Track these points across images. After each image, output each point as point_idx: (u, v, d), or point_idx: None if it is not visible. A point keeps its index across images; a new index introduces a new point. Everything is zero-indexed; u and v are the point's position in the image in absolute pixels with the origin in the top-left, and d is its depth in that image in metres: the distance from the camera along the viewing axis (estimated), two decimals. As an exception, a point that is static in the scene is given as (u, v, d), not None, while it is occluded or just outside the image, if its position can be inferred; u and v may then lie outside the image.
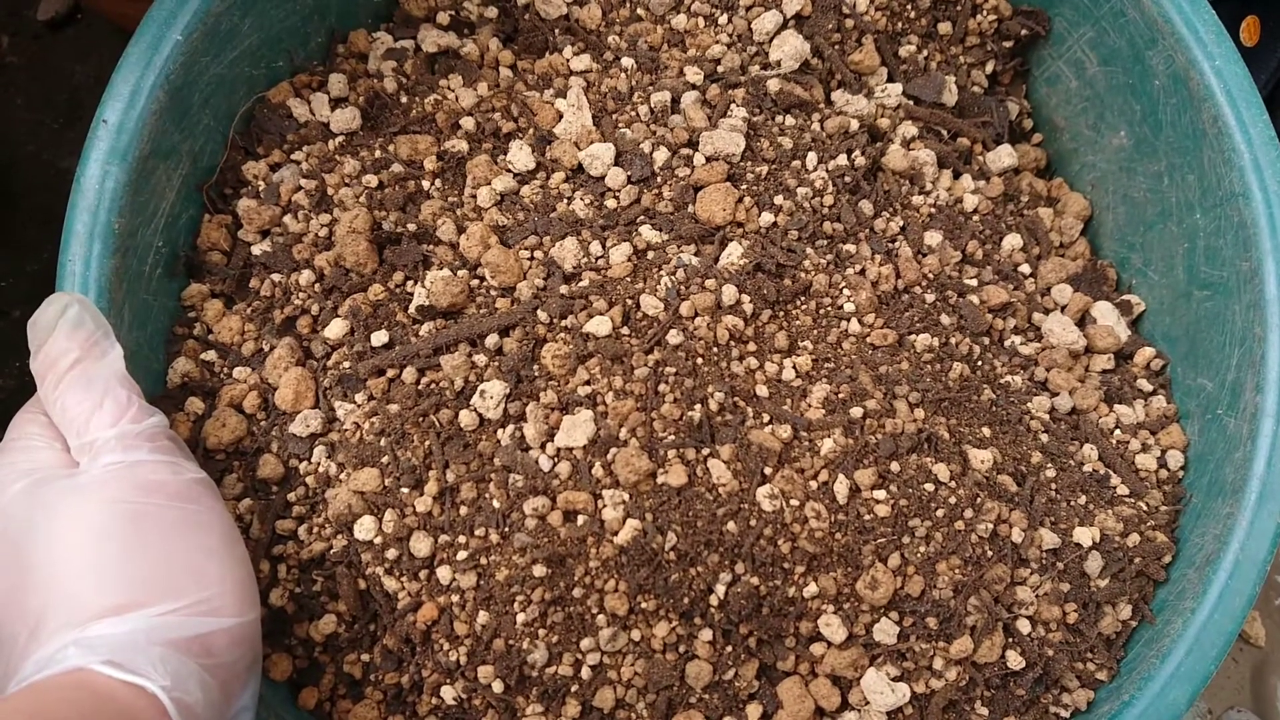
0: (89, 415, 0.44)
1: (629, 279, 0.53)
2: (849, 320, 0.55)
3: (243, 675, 0.44)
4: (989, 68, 0.67)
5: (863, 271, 0.56)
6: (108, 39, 0.93)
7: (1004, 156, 0.65)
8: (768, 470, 0.50)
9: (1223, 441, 0.56)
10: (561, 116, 0.58)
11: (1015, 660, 0.52)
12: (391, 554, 0.50)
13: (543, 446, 0.50)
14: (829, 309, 0.55)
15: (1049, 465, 0.56)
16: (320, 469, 0.51)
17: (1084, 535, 0.54)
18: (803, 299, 0.55)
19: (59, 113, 0.91)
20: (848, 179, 0.57)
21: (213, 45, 0.53)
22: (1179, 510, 0.57)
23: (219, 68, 0.54)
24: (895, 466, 0.52)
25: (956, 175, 0.63)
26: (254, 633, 0.44)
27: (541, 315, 0.52)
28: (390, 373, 0.52)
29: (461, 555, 0.49)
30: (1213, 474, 0.56)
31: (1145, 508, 0.56)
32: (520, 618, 0.49)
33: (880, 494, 0.51)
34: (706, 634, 0.50)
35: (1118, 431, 0.59)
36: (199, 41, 0.52)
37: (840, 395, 0.52)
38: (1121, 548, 0.54)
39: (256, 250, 0.56)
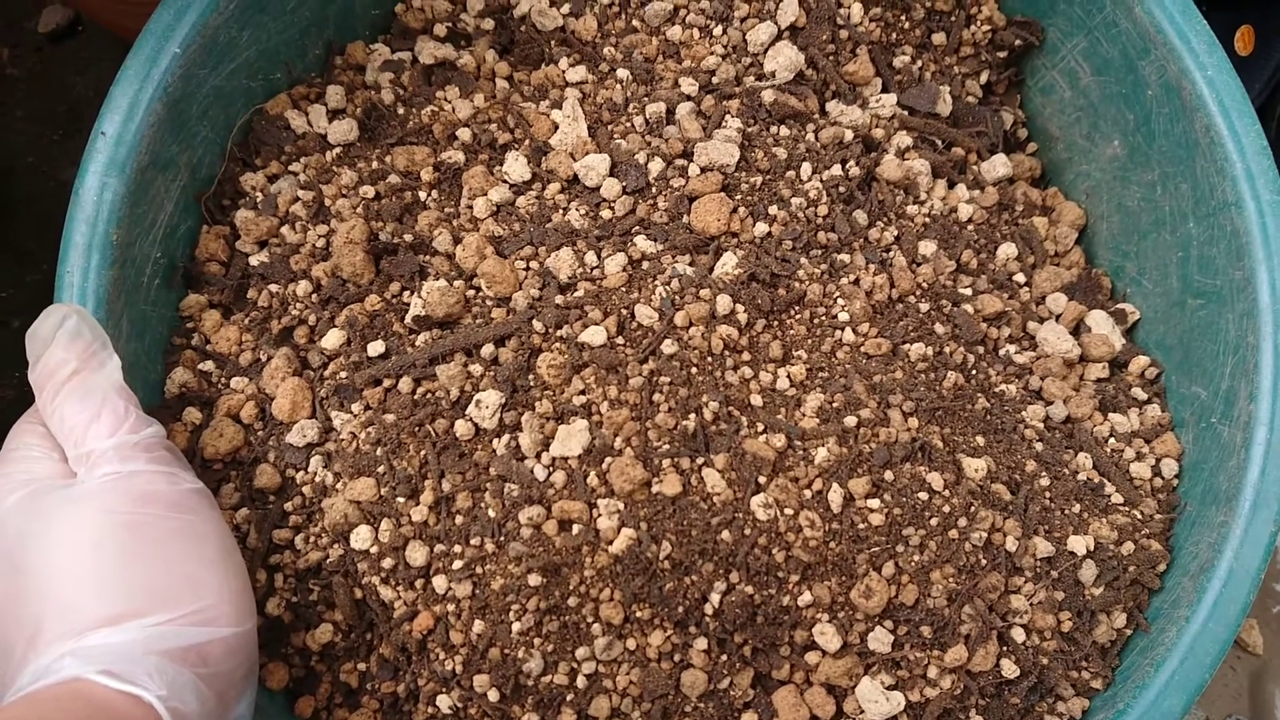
0: (86, 426, 0.44)
1: (624, 289, 0.53)
2: (843, 330, 0.55)
3: (239, 684, 0.44)
4: (983, 78, 0.67)
5: (857, 281, 0.56)
6: (108, 51, 0.93)
7: (998, 166, 0.65)
8: (762, 479, 0.50)
9: (1217, 450, 0.56)
10: (557, 128, 0.58)
11: (1010, 669, 0.52)
12: (387, 563, 0.50)
13: (538, 456, 0.50)
14: (823, 318, 0.55)
15: (1043, 474, 0.56)
16: (317, 479, 0.52)
17: (1078, 544, 0.54)
18: (797, 308, 0.55)
19: (59, 124, 0.92)
20: (842, 189, 0.57)
21: (211, 58, 0.54)
22: (1173, 518, 0.57)
23: (217, 80, 0.55)
24: (889, 475, 0.52)
25: (951, 185, 0.63)
26: (250, 642, 0.45)
27: (537, 325, 0.52)
28: (386, 382, 0.52)
29: (457, 564, 0.50)
30: (1207, 482, 0.56)
31: (1140, 516, 0.56)
32: (516, 627, 0.49)
33: (874, 503, 0.51)
34: (701, 643, 0.50)
35: (1112, 440, 0.59)
36: (197, 54, 0.53)
37: (834, 404, 0.53)
38: (1116, 556, 0.55)
39: (254, 261, 0.56)
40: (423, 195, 0.57)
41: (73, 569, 0.41)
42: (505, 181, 0.57)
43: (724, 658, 0.51)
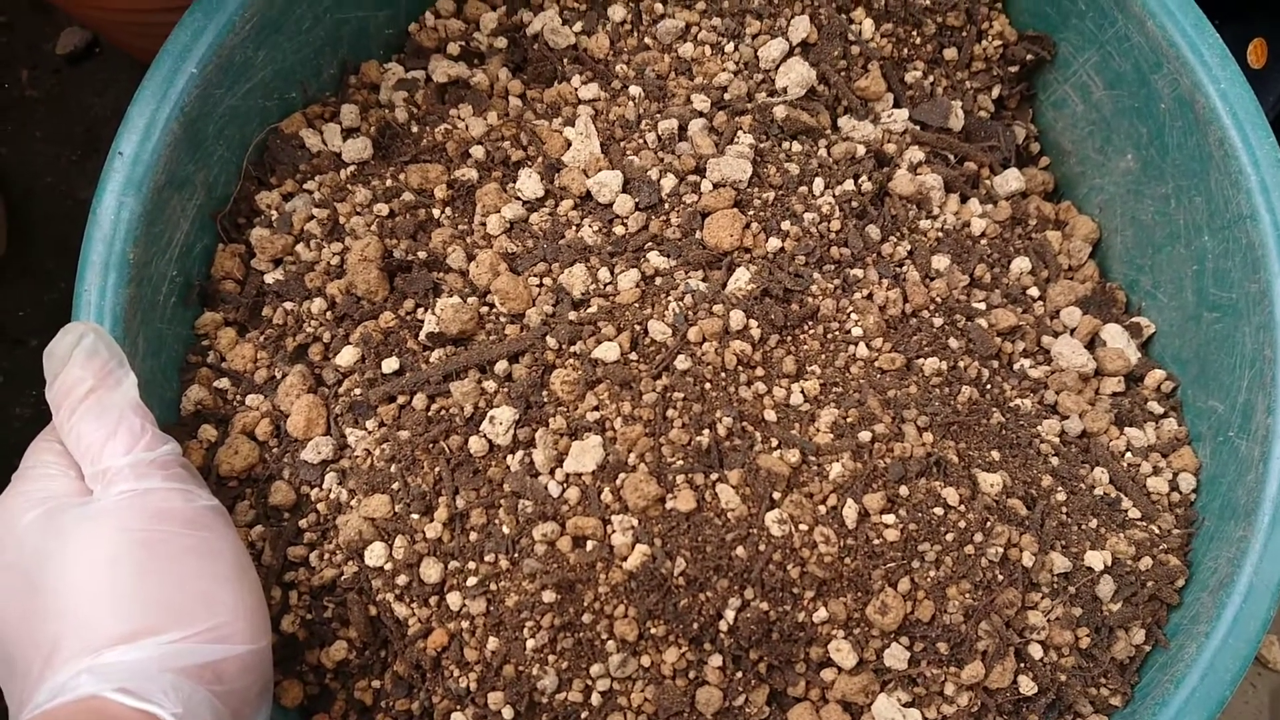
0: (103, 443, 0.44)
1: (637, 305, 0.53)
2: (857, 344, 0.55)
3: (254, 702, 0.44)
4: (995, 92, 0.67)
5: (870, 296, 0.56)
6: (125, 72, 0.94)
7: (1011, 180, 0.65)
8: (776, 495, 0.50)
9: (1235, 464, 0.55)
10: (570, 145, 0.58)
11: (1027, 685, 0.52)
12: (402, 580, 0.50)
13: (552, 472, 0.50)
14: (837, 333, 0.55)
15: (1059, 489, 0.55)
16: (331, 495, 0.52)
17: (1095, 559, 0.53)
18: (810, 324, 0.55)
19: (77, 145, 0.93)
20: (854, 204, 0.57)
21: (227, 78, 0.54)
22: (1191, 533, 0.56)
23: (233, 100, 0.55)
24: (904, 491, 0.52)
25: (964, 199, 0.63)
26: (265, 660, 0.45)
27: (550, 341, 0.52)
28: (401, 399, 0.52)
29: (471, 581, 0.50)
30: (1225, 497, 0.55)
31: (1157, 531, 0.56)
32: (530, 644, 0.49)
33: (889, 518, 0.51)
34: (716, 660, 0.50)
35: (1129, 454, 0.58)
36: (213, 74, 0.53)
37: (848, 419, 0.52)
38: (1134, 571, 0.54)
39: (269, 279, 0.56)
40: (436, 213, 0.57)
41: (89, 586, 0.41)
42: (518, 198, 0.57)
43: (739, 675, 0.50)
